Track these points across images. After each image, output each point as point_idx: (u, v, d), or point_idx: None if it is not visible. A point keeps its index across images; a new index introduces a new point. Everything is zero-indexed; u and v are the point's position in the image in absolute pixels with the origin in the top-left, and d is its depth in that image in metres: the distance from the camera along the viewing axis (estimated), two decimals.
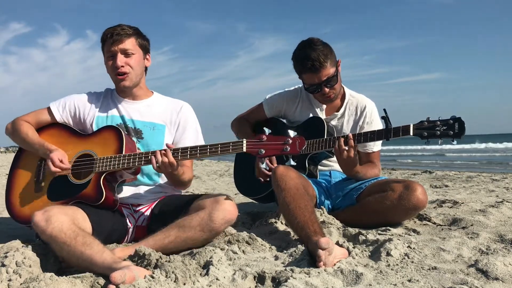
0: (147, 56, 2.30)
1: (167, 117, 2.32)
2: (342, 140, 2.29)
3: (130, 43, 2.18)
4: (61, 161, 2.08)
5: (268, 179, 2.50)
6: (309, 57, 2.41)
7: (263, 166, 2.55)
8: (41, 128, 2.32)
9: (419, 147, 26.10)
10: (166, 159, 1.95)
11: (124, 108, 2.29)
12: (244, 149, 1.86)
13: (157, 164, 1.96)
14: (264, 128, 2.63)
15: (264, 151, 1.83)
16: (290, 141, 1.83)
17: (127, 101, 2.30)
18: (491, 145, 28.51)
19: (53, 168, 2.07)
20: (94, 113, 2.28)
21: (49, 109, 2.30)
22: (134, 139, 2.23)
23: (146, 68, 2.33)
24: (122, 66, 2.16)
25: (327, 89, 2.49)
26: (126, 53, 2.17)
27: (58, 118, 2.29)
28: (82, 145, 2.19)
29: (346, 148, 2.27)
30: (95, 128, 2.24)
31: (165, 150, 1.97)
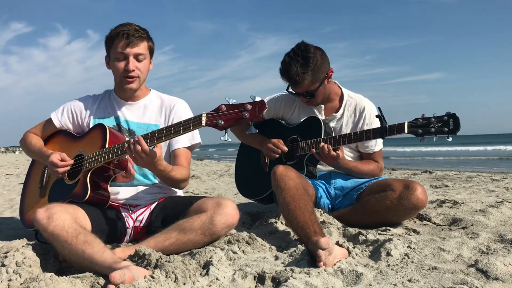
0: (151, 60, 2.30)
1: (161, 117, 2.32)
2: (322, 144, 2.37)
3: (143, 47, 2.17)
4: (61, 160, 2.11)
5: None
6: (288, 73, 2.45)
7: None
8: (47, 138, 2.41)
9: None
10: (139, 147, 1.87)
11: (120, 110, 2.30)
12: (203, 123, 1.75)
13: (133, 154, 1.88)
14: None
15: (222, 122, 1.72)
16: (249, 107, 1.70)
17: (125, 103, 2.31)
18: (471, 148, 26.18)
19: (60, 170, 2.10)
20: (91, 116, 2.32)
21: (50, 118, 2.37)
22: (127, 139, 2.21)
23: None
24: (133, 70, 2.16)
25: (305, 99, 2.56)
26: (137, 57, 2.16)
27: (58, 125, 2.34)
28: (77, 147, 2.24)
29: (327, 151, 2.34)
30: None
31: (137, 137, 1.89)
